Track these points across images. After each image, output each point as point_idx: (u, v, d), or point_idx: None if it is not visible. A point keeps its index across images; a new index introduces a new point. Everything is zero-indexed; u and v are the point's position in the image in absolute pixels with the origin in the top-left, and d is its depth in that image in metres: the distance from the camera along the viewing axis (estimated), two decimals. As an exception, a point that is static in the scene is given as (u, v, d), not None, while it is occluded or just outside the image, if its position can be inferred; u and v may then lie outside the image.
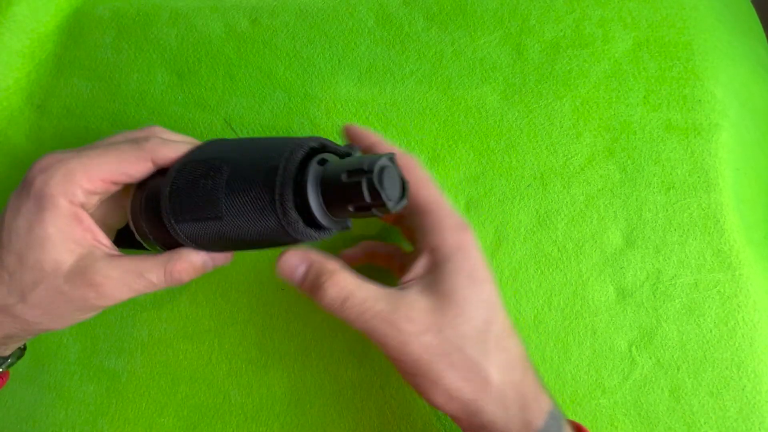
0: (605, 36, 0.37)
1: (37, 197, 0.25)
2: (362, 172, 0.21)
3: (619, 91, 0.36)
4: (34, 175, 0.25)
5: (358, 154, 0.25)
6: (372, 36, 0.38)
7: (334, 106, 0.37)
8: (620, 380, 0.32)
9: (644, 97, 0.36)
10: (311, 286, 0.25)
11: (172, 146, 0.26)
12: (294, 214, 0.22)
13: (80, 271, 0.25)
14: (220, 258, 0.28)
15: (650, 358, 0.32)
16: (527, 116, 0.36)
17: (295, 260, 0.26)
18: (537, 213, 0.34)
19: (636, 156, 0.35)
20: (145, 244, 0.28)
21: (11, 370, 0.34)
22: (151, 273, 0.26)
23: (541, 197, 0.34)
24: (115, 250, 0.27)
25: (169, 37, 0.39)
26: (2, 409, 0.34)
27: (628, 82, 0.36)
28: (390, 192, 0.22)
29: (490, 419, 0.24)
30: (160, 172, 0.27)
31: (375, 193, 0.21)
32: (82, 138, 0.38)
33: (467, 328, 0.24)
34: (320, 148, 0.24)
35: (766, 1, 0.49)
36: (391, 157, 0.23)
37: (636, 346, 0.32)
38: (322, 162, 0.23)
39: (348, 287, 0.24)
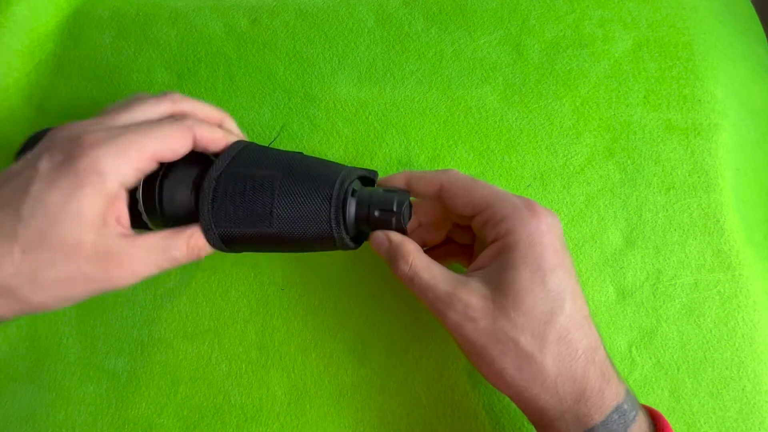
0: (605, 36, 0.37)
1: (83, 173, 0.23)
2: (392, 212, 0.28)
3: (619, 91, 0.36)
4: (83, 149, 0.24)
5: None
6: (372, 36, 0.38)
7: (334, 106, 0.37)
8: (620, 380, 0.32)
9: (644, 97, 0.36)
10: (390, 259, 0.28)
11: (212, 130, 0.28)
12: (343, 227, 0.27)
13: (105, 251, 0.24)
14: None
15: (650, 358, 0.32)
16: (527, 116, 0.36)
17: (382, 237, 0.28)
18: (537, 213, 0.34)
19: (636, 156, 0.35)
20: (150, 223, 0.29)
21: (11, 370, 0.35)
22: (176, 250, 0.27)
23: (541, 197, 0.34)
24: (130, 229, 0.27)
25: (169, 37, 0.39)
26: (2, 409, 0.34)
27: (628, 82, 0.36)
28: (405, 221, 0.28)
29: (543, 407, 0.25)
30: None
31: (400, 227, 0.28)
32: (82, 138, 0.38)
33: (524, 320, 0.25)
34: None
35: (766, 1, 0.49)
36: (409, 199, 0.29)
37: (636, 346, 0.32)
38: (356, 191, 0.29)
39: (416, 268, 0.27)
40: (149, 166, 0.26)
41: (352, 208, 0.28)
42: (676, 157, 0.34)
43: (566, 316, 0.25)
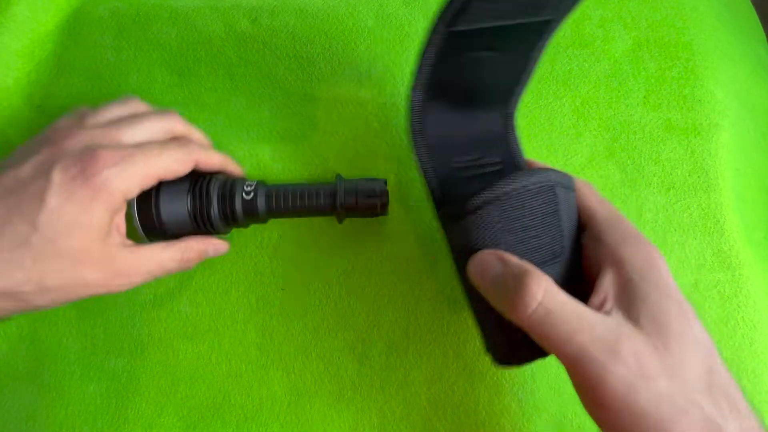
0: (605, 36, 0.37)
1: (98, 189, 0.25)
2: (375, 196, 0.32)
3: (619, 91, 0.36)
4: (98, 168, 0.25)
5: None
6: (372, 36, 0.38)
7: (334, 106, 0.37)
8: (620, 380, 0.32)
9: (644, 97, 0.36)
10: (507, 288, 0.21)
11: (209, 155, 0.30)
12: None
13: (108, 260, 0.26)
14: (221, 247, 0.32)
15: (650, 358, 0.32)
16: (527, 116, 0.36)
17: (491, 258, 0.22)
18: (537, 213, 0.34)
19: (636, 156, 0.35)
20: (143, 233, 0.30)
21: (11, 370, 0.35)
22: (170, 263, 0.29)
23: (541, 197, 0.34)
24: (126, 238, 0.28)
25: (169, 37, 0.39)
26: (2, 409, 0.34)
27: (628, 82, 0.36)
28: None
29: None
30: None
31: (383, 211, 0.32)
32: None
33: (693, 376, 0.19)
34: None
35: (766, 1, 0.49)
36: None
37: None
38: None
39: (556, 296, 0.20)
40: (151, 183, 0.28)
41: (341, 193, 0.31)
42: (676, 157, 0.34)
43: (723, 372, 0.20)
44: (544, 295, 0.20)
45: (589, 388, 0.19)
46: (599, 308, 0.21)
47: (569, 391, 0.32)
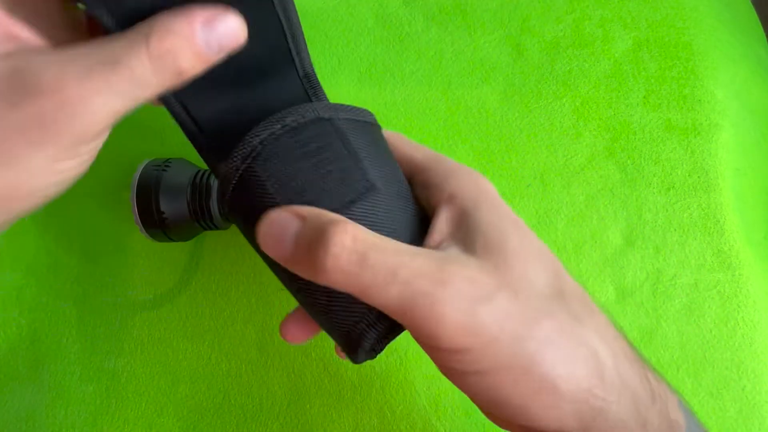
0: (605, 36, 0.37)
1: None
2: None
3: (619, 91, 0.36)
4: None
5: None
6: (372, 36, 0.38)
7: (334, 106, 0.37)
8: (620, 380, 0.32)
9: (644, 97, 0.36)
10: (310, 246, 0.16)
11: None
12: None
13: (15, 77, 0.15)
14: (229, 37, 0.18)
15: (650, 358, 0.32)
16: (527, 116, 0.36)
17: (286, 216, 0.17)
18: (537, 213, 0.34)
19: (636, 156, 0.35)
20: (144, 227, 0.30)
21: (11, 370, 0.34)
22: (130, 57, 0.16)
23: (541, 197, 0.34)
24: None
25: (169, 37, 0.39)
26: (2, 409, 0.34)
27: (628, 82, 0.36)
28: None
29: (616, 423, 0.17)
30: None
31: None
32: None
33: (540, 285, 0.17)
34: None
35: (766, 1, 0.49)
36: None
37: (636, 346, 0.32)
38: None
39: (367, 238, 0.16)
40: None
41: None
42: (676, 157, 0.34)
43: (570, 279, 0.19)
44: (353, 240, 0.16)
45: (427, 331, 0.16)
46: (434, 249, 0.18)
47: (569, 391, 0.32)
